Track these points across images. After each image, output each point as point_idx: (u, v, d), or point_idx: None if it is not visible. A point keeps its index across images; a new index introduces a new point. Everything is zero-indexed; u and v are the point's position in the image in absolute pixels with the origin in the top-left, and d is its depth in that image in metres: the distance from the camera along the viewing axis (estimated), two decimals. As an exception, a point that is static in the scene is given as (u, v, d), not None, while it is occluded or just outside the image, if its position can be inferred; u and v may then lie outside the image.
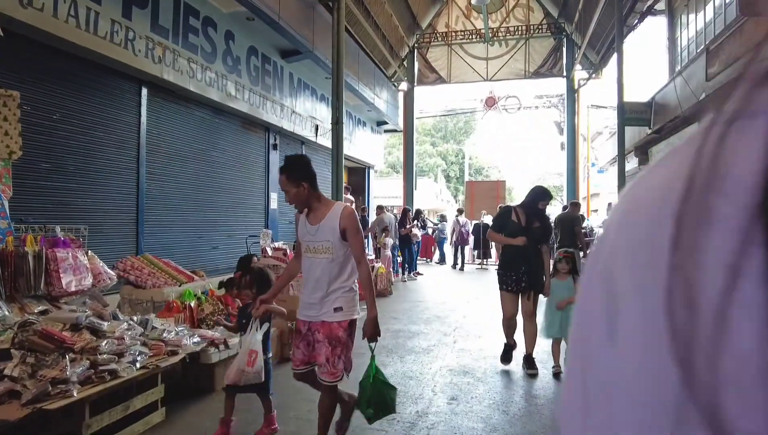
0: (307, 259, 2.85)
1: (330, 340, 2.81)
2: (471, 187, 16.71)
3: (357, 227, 2.79)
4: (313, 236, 2.78)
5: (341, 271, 2.84)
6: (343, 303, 2.87)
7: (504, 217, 4.66)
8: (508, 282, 4.54)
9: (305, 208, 2.84)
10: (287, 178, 2.77)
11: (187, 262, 7.58)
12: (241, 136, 9.17)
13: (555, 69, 16.48)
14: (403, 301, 8.46)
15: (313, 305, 2.85)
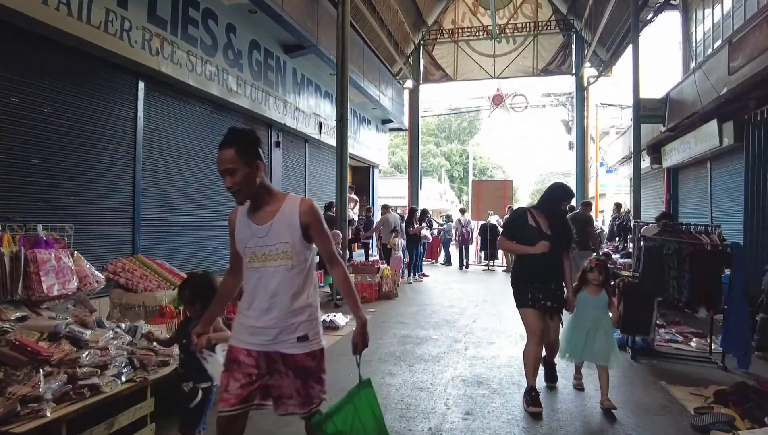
0: (254, 270, 2.17)
1: (297, 372, 2.19)
2: (477, 187, 16.42)
3: (322, 222, 2.20)
4: (263, 238, 2.15)
5: (306, 282, 2.21)
6: (308, 329, 2.20)
7: (518, 222, 3.92)
8: (535, 298, 3.76)
9: (248, 199, 2.20)
10: (238, 153, 2.10)
11: (187, 263, 7.31)
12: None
13: (564, 66, 16.14)
14: (409, 304, 8.15)
15: (263, 330, 2.15)
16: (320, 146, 11.72)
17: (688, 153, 10.06)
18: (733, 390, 3.75)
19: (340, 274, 2.31)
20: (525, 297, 3.78)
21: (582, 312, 3.91)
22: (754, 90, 7.01)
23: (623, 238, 10.25)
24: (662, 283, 4.98)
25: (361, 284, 8.37)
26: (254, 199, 2.21)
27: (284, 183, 10.13)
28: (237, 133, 2.19)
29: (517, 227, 3.90)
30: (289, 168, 10.41)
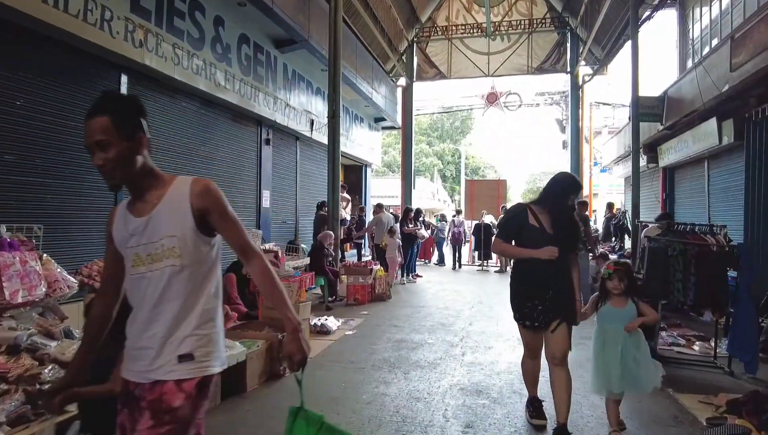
0: (140, 278, 1.62)
1: (155, 415, 1.52)
2: (471, 187, 16.26)
3: (224, 205, 1.73)
4: (143, 235, 1.63)
5: (201, 286, 1.65)
6: (194, 346, 1.59)
7: (516, 221, 3.29)
8: (527, 314, 3.22)
9: (125, 183, 1.68)
10: (113, 122, 1.61)
11: (172, 264, 7.03)
12: (232, 129, 8.60)
13: (558, 64, 16.00)
14: (403, 307, 7.93)
15: (143, 352, 1.58)
16: (312, 144, 11.46)
17: (685, 152, 9.92)
18: (746, 399, 3.56)
19: (259, 267, 1.70)
20: (522, 314, 3.26)
21: (607, 330, 3.21)
22: (756, 87, 6.86)
23: (620, 238, 10.10)
24: (667, 286, 4.78)
25: (354, 286, 8.13)
26: (134, 185, 1.69)
27: (274, 181, 9.87)
28: (113, 97, 1.70)
29: (516, 227, 3.28)
30: (279, 166, 10.15)
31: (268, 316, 5.05)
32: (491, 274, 12.97)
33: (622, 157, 14.17)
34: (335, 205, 8.89)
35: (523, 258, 3.27)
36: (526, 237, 3.24)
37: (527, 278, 3.26)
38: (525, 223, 3.25)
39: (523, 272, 3.31)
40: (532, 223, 3.24)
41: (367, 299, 8.08)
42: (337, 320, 6.36)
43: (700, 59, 8.23)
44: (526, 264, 3.26)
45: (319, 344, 5.45)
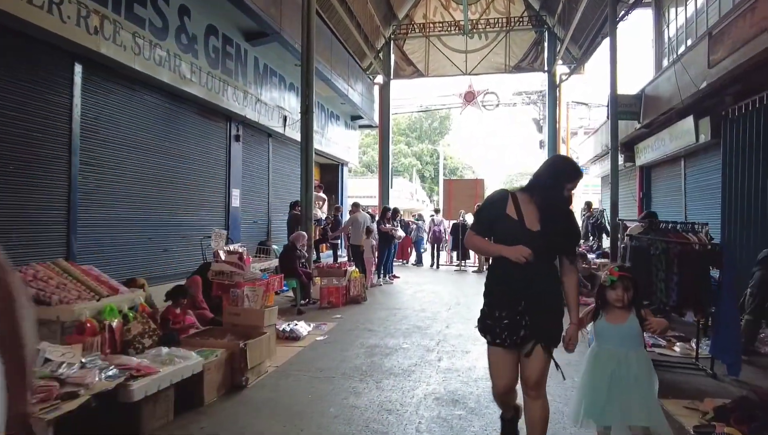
0: None
1: None
2: (449, 186, 16.07)
3: None
4: None
5: None
6: None
7: (491, 210, 2.62)
8: (495, 328, 2.53)
9: None
10: None
11: (134, 268, 6.62)
12: (199, 124, 8.20)
13: (536, 63, 15.95)
14: (379, 309, 7.64)
15: None
16: (285, 141, 11.09)
17: (662, 150, 9.89)
18: (734, 406, 3.38)
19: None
20: (489, 327, 2.57)
21: (603, 351, 2.65)
22: (734, 84, 6.79)
23: (597, 237, 10.01)
24: (650, 286, 4.61)
25: (328, 288, 7.81)
26: None
27: (245, 179, 9.48)
28: None
29: (490, 217, 2.61)
30: (250, 164, 9.76)
31: (231, 323, 4.71)
32: (469, 274, 12.79)
33: (599, 157, 14.17)
34: (308, 204, 8.56)
35: (496, 256, 2.61)
36: (500, 231, 2.59)
37: (498, 283, 2.60)
38: (501, 214, 2.55)
39: (495, 275, 2.64)
40: (510, 213, 2.54)
41: (341, 302, 7.77)
42: (308, 325, 6.05)
43: (678, 56, 8.17)
44: (499, 265, 2.59)
45: (287, 351, 5.13)
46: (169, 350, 3.61)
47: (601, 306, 2.72)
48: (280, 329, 5.62)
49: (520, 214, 2.54)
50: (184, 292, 5.37)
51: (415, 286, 10.31)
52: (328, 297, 7.79)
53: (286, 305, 7.87)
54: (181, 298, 5.34)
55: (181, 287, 5.43)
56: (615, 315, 2.66)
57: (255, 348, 4.25)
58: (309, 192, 8.53)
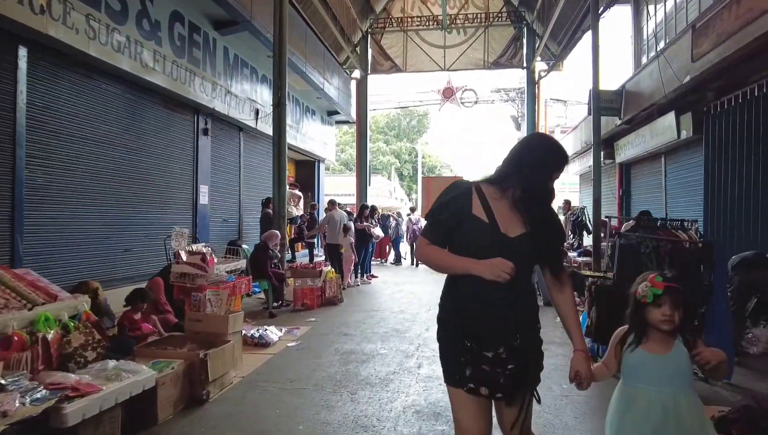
0: None
1: None
2: (428, 184, 15.81)
3: None
4: None
5: None
6: None
7: (451, 208, 1.89)
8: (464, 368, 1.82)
9: None
10: None
11: (88, 269, 6.14)
12: (163, 117, 7.70)
13: (515, 60, 15.78)
14: (355, 311, 7.29)
15: None
16: (257, 136, 10.63)
17: (642, 147, 9.79)
18: (737, 416, 3.14)
19: None
20: (451, 366, 1.89)
21: (640, 393, 1.87)
22: (717, 79, 6.67)
23: (578, 234, 9.87)
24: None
25: (302, 289, 7.43)
26: None
27: (214, 175, 9.01)
28: None
29: (449, 219, 1.88)
30: (220, 159, 9.29)
31: (192, 330, 4.30)
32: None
33: (578, 154, 14.09)
34: (281, 201, 8.15)
35: (458, 273, 1.85)
36: (463, 238, 1.85)
37: (463, 305, 1.85)
38: (465, 213, 1.84)
39: (456, 297, 1.88)
40: (477, 214, 1.84)
41: (316, 304, 7.40)
42: (279, 330, 5.66)
43: (660, 51, 8.03)
44: (462, 283, 1.85)
45: (256, 359, 4.74)
46: (117, 364, 3.20)
47: (638, 330, 1.92)
48: (248, 335, 5.23)
49: (490, 214, 1.83)
50: (143, 295, 4.94)
51: (393, 286, 9.99)
52: (302, 299, 7.41)
53: (258, 308, 7.46)
54: (140, 302, 4.90)
55: (141, 291, 4.99)
56: (656, 342, 1.88)
57: (217, 358, 3.86)
58: (282, 188, 8.13)
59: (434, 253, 1.87)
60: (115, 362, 3.18)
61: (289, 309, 7.36)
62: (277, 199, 8.15)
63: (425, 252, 1.89)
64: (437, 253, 1.87)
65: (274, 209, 8.23)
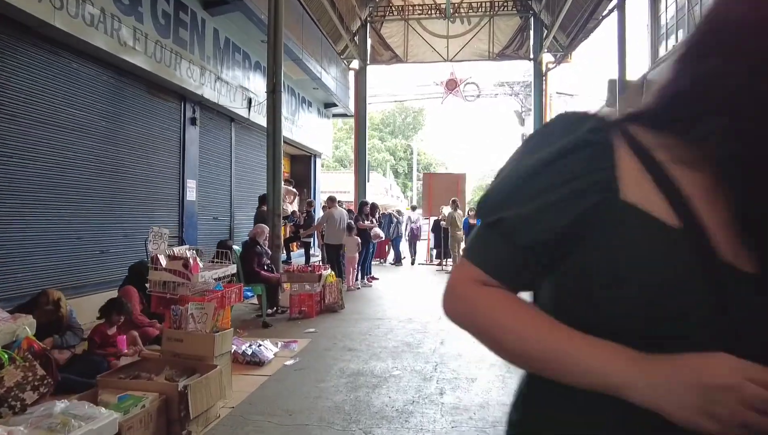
0: None
1: None
2: (429, 181, 15.11)
3: None
4: None
5: None
6: None
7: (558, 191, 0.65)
8: None
9: None
10: None
11: (54, 275, 5.39)
12: (146, 103, 6.94)
13: (521, 51, 15.11)
14: (359, 320, 6.58)
15: None
16: (251, 128, 9.87)
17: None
18: None
19: None
20: None
21: None
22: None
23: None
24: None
25: (299, 295, 6.71)
26: None
27: (203, 169, 8.24)
28: None
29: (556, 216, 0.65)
30: (209, 151, 8.52)
31: (171, 351, 3.57)
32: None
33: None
34: (276, 197, 7.42)
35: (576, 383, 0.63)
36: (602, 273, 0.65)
37: None
38: (604, 205, 0.64)
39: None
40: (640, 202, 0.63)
41: (315, 311, 6.67)
42: (275, 344, 4.94)
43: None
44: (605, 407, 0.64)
45: (248, 383, 4.02)
46: (67, 407, 2.47)
47: None
48: (239, 352, 4.51)
49: (681, 203, 0.62)
50: (120, 307, 4.22)
51: (396, 290, 9.28)
52: (299, 305, 6.69)
53: (250, 315, 6.74)
54: (115, 314, 4.18)
55: (117, 301, 4.27)
56: None
57: (201, 389, 3.13)
58: (277, 183, 7.40)
59: (500, 311, 0.69)
60: (63, 405, 2.45)
61: (284, 317, 6.64)
62: (272, 195, 7.42)
63: (473, 304, 0.72)
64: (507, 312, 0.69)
65: (269, 206, 7.50)
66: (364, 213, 10.10)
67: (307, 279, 6.80)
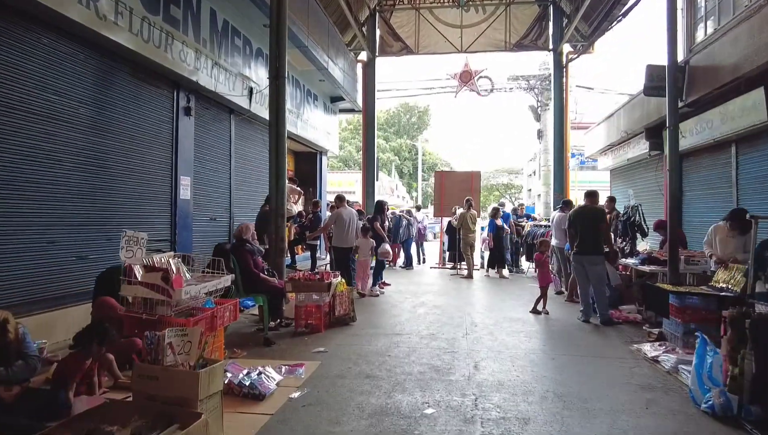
0: None
1: None
2: (441, 179, 14.28)
3: None
4: None
5: None
6: None
7: None
8: None
9: None
10: None
11: (21, 285, 4.59)
12: (132, 88, 6.14)
13: (540, 41, 14.25)
14: (375, 335, 5.75)
15: None
16: (253, 121, 9.07)
17: (706, 135, 8.27)
18: None
19: None
20: None
21: None
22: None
23: (630, 237, 8.34)
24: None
25: (306, 306, 5.89)
26: None
27: (199, 165, 7.44)
28: None
29: None
30: (206, 145, 7.71)
31: (142, 392, 2.75)
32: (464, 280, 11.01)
33: (612, 146, 12.56)
34: (280, 195, 6.61)
35: None
36: None
37: None
38: None
39: None
40: None
41: (323, 325, 5.86)
42: (278, 370, 4.12)
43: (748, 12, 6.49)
44: None
45: (245, 424, 3.20)
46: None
47: None
48: (235, 382, 3.69)
49: None
50: (103, 335, 3.39)
51: (411, 297, 8.45)
52: (306, 318, 5.88)
53: (250, 329, 5.93)
54: (96, 344, 3.37)
55: (98, 327, 3.43)
56: None
57: (178, 449, 2.32)
58: (281, 179, 6.58)
59: None
60: None
61: (289, 331, 5.83)
62: (275, 194, 6.61)
63: None
64: None
65: (272, 205, 6.68)
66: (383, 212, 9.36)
67: (315, 288, 5.97)
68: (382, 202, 10.01)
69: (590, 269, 6.56)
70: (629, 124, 10.74)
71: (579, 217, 6.83)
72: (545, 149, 16.85)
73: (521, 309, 7.39)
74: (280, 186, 6.59)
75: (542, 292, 7.24)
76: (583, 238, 6.64)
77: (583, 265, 6.63)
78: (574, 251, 6.74)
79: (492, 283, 10.62)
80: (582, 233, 6.68)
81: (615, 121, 11.92)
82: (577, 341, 5.59)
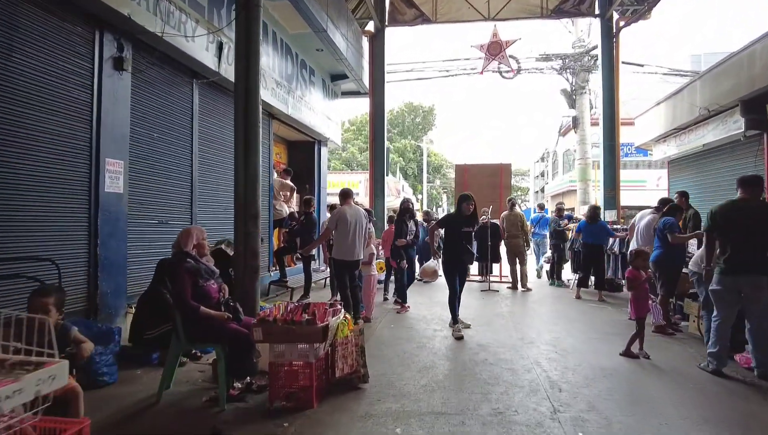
0: None
1: None
2: (464, 174, 12.02)
3: None
4: None
5: None
6: None
7: None
8: None
9: None
10: None
11: None
12: (23, 21, 3.87)
13: (584, 5, 11.94)
14: (400, 416, 3.45)
15: None
16: (222, 87, 6.77)
17: None
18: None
19: None
20: None
21: None
22: None
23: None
24: None
25: (288, 364, 3.57)
26: None
27: (138, 144, 5.14)
28: None
29: None
30: (151, 117, 5.43)
31: None
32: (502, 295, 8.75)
33: (678, 130, 10.23)
34: (250, 185, 4.33)
35: None
36: None
37: None
38: None
39: None
40: None
41: (316, 396, 3.55)
42: None
43: None
44: None
45: None
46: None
47: None
48: None
49: None
50: None
51: (442, 328, 6.14)
52: (288, 384, 3.55)
53: (197, 398, 3.62)
54: None
55: None
56: None
57: None
58: (251, 162, 4.30)
59: None
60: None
61: (261, 404, 3.54)
62: (243, 182, 4.32)
63: None
64: None
65: (239, 201, 4.39)
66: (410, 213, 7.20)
67: (302, 335, 3.61)
68: (408, 201, 7.73)
69: (751, 296, 4.21)
70: (713, 98, 8.41)
71: (734, 217, 4.37)
72: (581, 139, 14.53)
73: (604, 349, 5.11)
74: (250, 172, 4.31)
75: (639, 326, 4.94)
76: (739, 250, 4.24)
77: (740, 290, 4.26)
78: (720, 269, 4.35)
79: (532, 300, 8.33)
80: (737, 242, 4.26)
81: (686, 96, 9.57)
82: (736, 415, 3.28)
